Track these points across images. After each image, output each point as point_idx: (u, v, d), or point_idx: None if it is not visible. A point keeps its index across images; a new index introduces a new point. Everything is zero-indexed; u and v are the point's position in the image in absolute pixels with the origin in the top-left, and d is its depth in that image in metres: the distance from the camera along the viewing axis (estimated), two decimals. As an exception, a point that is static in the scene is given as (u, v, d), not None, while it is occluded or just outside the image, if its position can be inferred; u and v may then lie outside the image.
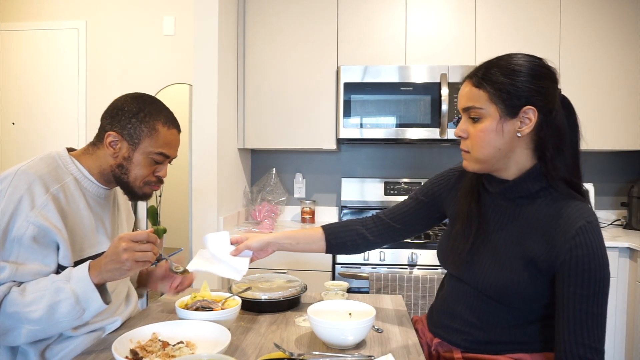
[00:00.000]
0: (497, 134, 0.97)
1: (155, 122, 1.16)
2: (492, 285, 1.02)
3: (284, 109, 2.68)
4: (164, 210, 3.40)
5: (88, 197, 1.17)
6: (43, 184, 1.06)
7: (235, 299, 1.24)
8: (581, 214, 0.94)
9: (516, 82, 0.95)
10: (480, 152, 1.00)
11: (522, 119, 0.96)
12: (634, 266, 2.26)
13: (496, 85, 0.96)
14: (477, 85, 0.98)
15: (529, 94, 0.95)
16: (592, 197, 2.73)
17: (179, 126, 1.23)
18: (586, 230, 0.92)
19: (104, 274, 1.01)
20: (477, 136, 0.99)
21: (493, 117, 0.97)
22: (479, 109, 0.98)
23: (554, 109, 0.96)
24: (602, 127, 2.57)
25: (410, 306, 2.13)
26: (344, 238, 1.32)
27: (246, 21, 2.68)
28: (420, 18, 2.61)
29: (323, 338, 1.08)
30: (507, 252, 1.01)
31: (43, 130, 3.39)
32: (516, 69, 0.96)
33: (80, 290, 1.00)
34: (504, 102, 0.96)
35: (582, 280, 0.91)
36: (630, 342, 2.27)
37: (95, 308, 1.02)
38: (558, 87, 0.99)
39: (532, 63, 0.97)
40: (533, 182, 1.00)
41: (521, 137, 0.97)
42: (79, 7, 3.37)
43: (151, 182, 1.20)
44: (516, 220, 1.02)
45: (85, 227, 1.14)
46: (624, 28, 2.55)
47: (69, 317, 1.00)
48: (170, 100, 3.71)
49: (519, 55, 0.99)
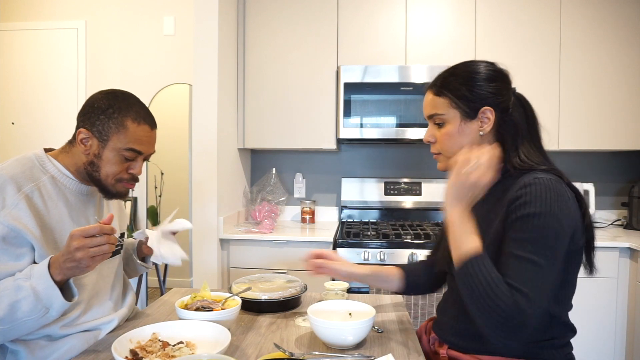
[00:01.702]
0: (461, 135, 1.06)
1: (123, 118, 1.13)
2: None
3: (284, 109, 2.68)
4: (164, 210, 3.40)
5: (68, 195, 1.16)
6: (15, 184, 1.06)
7: (235, 299, 1.24)
8: (533, 175, 0.97)
9: (473, 87, 1.04)
10: (449, 152, 1.09)
11: (481, 119, 1.05)
12: (634, 266, 2.26)
13: (455, 92, 1.06)
14: (438, 93, 1.08)
15: (485, 96, 1.04)
16: (592, 197, 2.73)
17: (152, 122, 1.20)
18: (530, 183, 0.95)
19: (65, 271, 0.98)
20: (444, 139, 1.09)
21: (455, 121, 1.06)
22: (441, 115, 1.08)
23: (509, 107, 1.05)
24: (602, 127, 2.57)
25: (411, 306, 2.13)
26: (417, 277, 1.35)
27: (246, 21, 2.68)
28: (420, 18, 2.61)
29: (323, 338, 1.08)
30: (483, 240, 1.02)
31: (43, 130, 3.39)
32: (471, 75, 1.06)
33: (40, 287, 0.97)
34: (463, 106, 1.05)
35: (520, 225, 0.93)
36: (630, 342, 2.27)
37: (59, 305, 0.99)
38: (511, 87, 1.08)
39: (486, 68, 1.07)
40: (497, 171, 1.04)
41: (484, 135, 1.06)
42: (79, 7, 3.37)
43: (124, 180, 1.18)
44: (485, 205, 1.06)
45: (65, 225, 1.12)
46: (624, 28, 2.55)
47: (33, 316, 0.97)
48: (170, 100, 3.75)
49: (472, 62, 1.09)
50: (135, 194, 3.29)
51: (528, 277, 0.89)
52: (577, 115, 2.57)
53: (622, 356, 2.31)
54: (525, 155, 1.04)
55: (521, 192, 0.95)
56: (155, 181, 3.42)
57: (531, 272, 0.90)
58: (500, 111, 1.05)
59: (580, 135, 2.58)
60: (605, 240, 2.32)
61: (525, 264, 0.90)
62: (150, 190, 3.42)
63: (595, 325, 2.30)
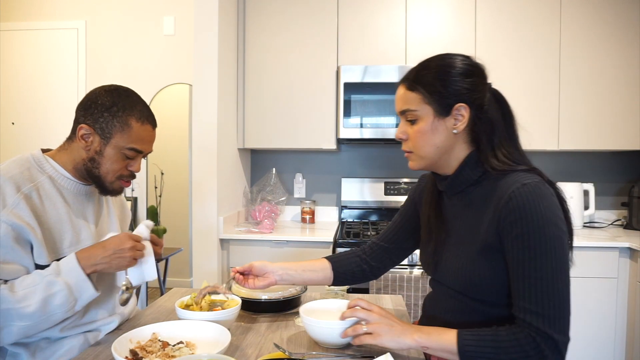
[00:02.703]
0: (434, 133, 1.01)
1: (128, 117, 1.13)
2: (457, 280, 1.02)
3: (284, 109, 2.68)
4: (164, 210, 3.40)
5: (66, 195, 1.16)
6: (14, 184, 1.06)
7: (235, 299, 1.24)
8: (517, 180, 0.93)
9: (446, 82, 0.99)
10: (421, 151, 1.03)
11: (455, 116, 0.99)
12: (634, 266, 2.26)
13: (428, 87, 1.00)
14: (410, 88, 1.02)
15: (459, 92, 0.98)
16: (592, 197, 2.73)
17: (154, 121, 1.20)
18: (518, 192, 0.90)
19: (100, 264, 1.06)
20: (416, 137, 1.03)
21: (428, 117, 1.00)
22: (414, 111, 1.02)
23: (485, 103, 1.00)
24: (602, 127, 2.57)
25: (410, 306, 2.13)
26: (350, 266, 1.31)
27: (246, 21, 2.68)
28: (420, 18, 2.61)
29: (314, 337, 1.08)
30: (465, 243, 1.01)
31: (43, 130, 3.39)
32: (445, 69, 1.00)
33: (72, 281, 1.03)
34: (436, 102, 0.99)
35: (521, 244, 0.89)
36: (630, 342, 2.27)
37: (87, 297, 1.06)
38: (487, 82, 1.03)
39: (461, 62, 1.01)
40: (472, 170, 1.02)
41: (457, 133, 1.00)
42: (79, 7, 3.37)
43: (123, 177, 1.19)
44: (468, 210, 1.03)
45: (63, 226, 1.13)
46: (624, 28, 2.55)
47: (62, 309, 1.02)
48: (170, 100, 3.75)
49: (447, 55, 1.03)
50: (135, 194, 3.30)
51: (546, 299, 0.86)
52: (577, 115, 2.57)
53: (622, 356, 2.31)
54: (503, 155, 0.99)
55: (511, 206, 0.90)
56: (155, 181, 3.42)
57: (547, 292, 0.87)
58: (475, 108, 0.99)
59: (580, 135, 2.58)
60: (605, 240, 2.33)
61: (539, 283, 0.87)
62: (150, 190, 3.43)
63: (595, 325, 2.30)
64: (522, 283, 0.89)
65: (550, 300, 0.86)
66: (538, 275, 0.87)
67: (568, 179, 2.89)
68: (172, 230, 3.45)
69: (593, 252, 2.29)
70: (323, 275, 1.29)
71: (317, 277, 1.28)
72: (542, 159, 2.94)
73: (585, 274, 2.30)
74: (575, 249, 2.44)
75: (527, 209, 0.88)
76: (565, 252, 0.89)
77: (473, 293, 0.99)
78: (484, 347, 0.87)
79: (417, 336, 0.93)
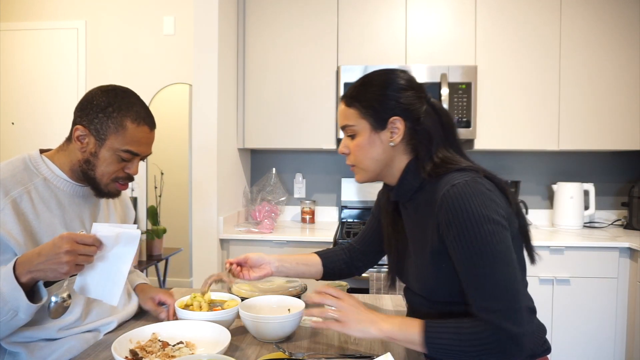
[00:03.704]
0: (372, 146, 1.04)
1: (123, 118, 1.10)
2: (421, 286, 1.04)
3: (284, 109, 2.68)
4: (164, 210, 3.40)
5: (61, 197, 1.14)
6: (2, 189, 1.04)
7: (235, 299, 1.24)
8: (448, 181, 0.94)
9: (381, 97, 1.03)
10: (362, 164, 1.07)
11: (391, 130, 1.03)
12: (634, 266, 2.26)
13: (363, 103, 1.04)
14: (348, 104, 1.07)
15: (394, 106, 1.02)
16: (592, 197, 2.73)
17: (152, 122, 1.16)
18: (448, 195, 0.92)
19: (35, 272, 0.93)
20: (356, 151, 1.07)
21: (365, 132, 1.04)
22: (352, 126, 1.06)
23: (421, 115, 1.02)
24: (602, 127, 2.57)
25: (410, 306, 2.13)
26: (337, 263, 1.37)
27: (246, 21, 2.68)
28: (420, 18, 2.61)
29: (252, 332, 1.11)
30: (420, 250, 1.03)
31: (43, 130, 3.39)
32: (380, 85, 1.04)
33: (5, 289, 0.93)
34: (372, 117, 1.03)
35: (459, 244, 0.90)
36: (630, 342, 2.27)
37: (25, 308, 0.94)
38: (424, 95, 1.06)
39: (395, 77, 1.05)
40: (413, 177, 1.04)
41: (395, 145, 1.03)
42: (79, 7, 3.37)
43: (119, 179, 1.15)
44: (418, 216, 1.05)
45: (56, 229, 1.10)
46: (624, 28, 2.55)
47: (1, 319, 0.94)
48: (170, 100, 3.74)
49: (382, 71, 1.08)
50: (135, 194, 3.29)
51: (493, 293, 0.87)
52: (577, 115, 2.57)
53: (622, 356, 2.31)
54: (439, 159, 1.01)
55: (444, 208, 0.91)
56: (155, 181, 3.42)
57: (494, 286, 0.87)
58: (410, 121, 1.02)
59: (580, 135, 2.58)
60: (605, 240, 2.33)
61: (483, 280, 0.88)
62: (150, 190, 3.42)
63: (595, 325, 2.30)
64: (468, 282, 0.90)
65: (497, 295, 0.87)
66: (479, 272, 0.88)
67: (568, 179, 2.89)
68: (172, 230, 3.45)
69: (593, 252, 2.29)
70: (315, 270, 1.35)
71: (310, 271, 1.34)
72: (542, 159, 2.94)
73: (585, 274, 2.30)
74: (576, 249, 2.43)
75: (458, 210, 0.90)
76: (505, 245, 0.89)
77: (437, 297, 1.01)
78: (448, 339, 0.88)
79: (384, 326, 0.94)
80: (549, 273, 2.31)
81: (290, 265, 1.32)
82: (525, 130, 2.58)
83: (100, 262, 1.00)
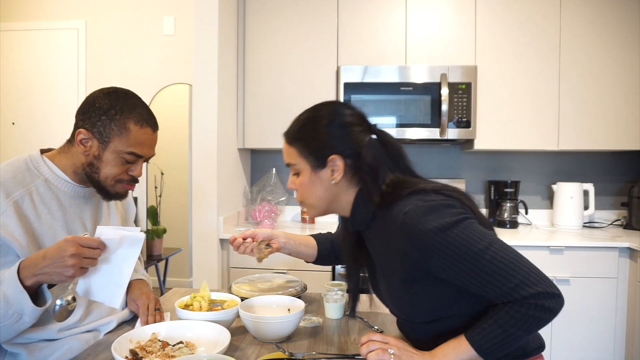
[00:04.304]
0: (314, 185, 1.02)
1: (126, 120, 1.10)
2: (397, 309, 1.03)
3: (284, 109, 2.67)
4: (164, 210, 3.40)
5: (62, 198, 1.13)
6: (3, 191, 1.04)
7: (235, 299, 1.24)
8: (400, 209, 0.92)
9: (317, 135, 1.00)
10: (308, 201, 1.06)
11: (332, 167, 1.00)
12: (634, 266, 2.26)
13: (302, 141, 1.02)
14: (289, 142, 1.05)
15: (332, 144, 0.99)
16: (592, 197, 2.73)
17: (154, 124, 1.16)
18: (405, 225, 0.89)
19: (41, 275, 0.93)
20: (300, 189, 1.05)
21: (307, 170, 1.02)
22: (294, 165, 1.04)
23: (362, 150, 0.98)
24: (602, 127, 2.57)
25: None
26: (327, 250, 1.38)
27: (246, 21, 2.68)
28: (420, 18, 2.61)
29: (252, 332, 1.12)
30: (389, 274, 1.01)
31: (43, 130, 3.39)
32: (316, 123, 1.01)
33: (10, 292, 0.93)
34: (311, 156, 1.01)
35: (443, 262, 0.87)
36: (630, 342, 2.27)
37: (30, 311, 0.94)
38: (366, 127, 1.02)
39: (334, 113, 1.01)
40: (363, 210, 1.01)
41: (337, 183, 1.00)
42: (79, 7, 3.37)
43: (123, 181, 1.15)
44: (378, 242, 1.02)
45: (57, 231, 1.10)
46: (624, 28, 2.55)
47: (5, 322, 0.94)
48: (170, 100, 3.74)
49: (320, 107, 1.04)
50: (135, 194, 3.29)
51: (505, 273, 0.84)
52: (577, 115, 2.57)
53: (622, 356, 2.31)
54: (388, 187, 0.97)
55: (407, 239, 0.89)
56: (155, 181, 3.42)
57: (497, 271, 0.85)
58: (351, 157, 0.99)
59: (580, 135, 2.58)
60: (605, 240, 2.33)
61: (489, 273, 0.85)
62: (150, 190, 3.43)
63: (595, 325, 2.30)
64: (478, 286, 0.87)
65: (508, 275, 0.84)
66: (479, 270, 0.85)
67: (568, 179, 2.89)
68: (172, 230, 3.45)
69: (593, 252, 2.29)
70: (312, 252, 1.38)
71: (307, 253, 1.37)
72: (542, 159, 2.94)
73: (585, 274, 2.30)
74: (575, 249, 2.43)
75: (422, 235, 0.87)
76: (479, 231, 0.87)
77: (419, 318, 0.98)
78: (495, 335, 0.86)
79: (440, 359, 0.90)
80: (549, 273, 2.31)
81: (294, 244, 1.34)
82: (525, 130, 2.58)
83: (104, 264, 1.00)
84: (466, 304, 0.94)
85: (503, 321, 0.85)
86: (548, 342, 2.31)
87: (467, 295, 0.92)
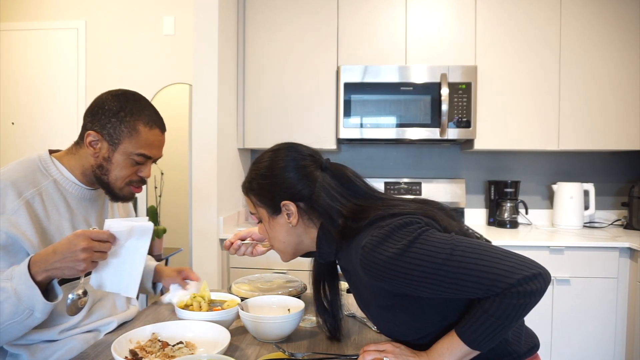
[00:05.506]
0: (274, 230, 1.04)
1: (136, 122, 1.11)
2: (387, 334, 1.03)
3: (284, 109, 2.67)
4: (164, 210, 3.40)
5: (70, 199, 1.14)
6: (15, 190, 1.04)
7: (235, 299, 1.24)
8: (358, 244, 0.91)
9: (267, 185, 1.01)
10: (276, 246, 1.08)
11: (286, 212, 1.01)
12: (634, 266, 2.26)
13: (254, 192, 1.04)
14: (245, 193, 1.07)
15: (281, 191, 1.00)
16: (592, 197, 2.73)
17: (163, 125, 1.18)
18: (366, 261, 0.88)
19: (52, 271, 0.93)
20: (266, 234, 1.08)
21: (266, 217, 1.04)
22: (254, 213, 1.07)
23: (314, 192, 0.98)
24: (602, 127, 2.57)
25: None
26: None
27: (246, 21, 2.68)
28: (420, 18, 2.61)
29: (252, 332, 1.12)
30: (368, 305, 1.01)
31: (43, 130, 3.39)
32: (265, 171, 1.02)
33: (21, 288, 0.92)
34: (264, 204, 1.03)
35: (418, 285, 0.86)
36: (630, 342, 2.27)
37: (41, 307, 0.94)
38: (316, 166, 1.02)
39: (278, 160, 1.01)
40: (327, 244, 1.01)
41: (295, 225, 1.01)
42: (79, 7, 3.37)
43: (133, 182, 1.17)
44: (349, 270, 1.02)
45: (64, 232, 1.10)
46: (624, 28, 2.55)
47: (16, 318, 0.93)
48: (170, 100, 3.74)
49: (267, 154, 1.05)
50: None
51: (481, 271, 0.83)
52: (577, 115, 2.57)
53: (622, 356, 2.31)
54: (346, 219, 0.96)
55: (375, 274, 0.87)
56: (155, 181, 3.42)
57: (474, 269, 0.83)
58: (302, 200, 0.99)
59: (580, 135, 2.58)
60: (605, 240, 2.32)
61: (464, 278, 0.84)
62: (150, 190, 3.42)
63: (595, 325, 2.30)
64: (455, 292, 0.85)
65: (485, 272, 0.83)
66: (454, 279, 0.84)
67: (568, 179, 2.89)
68: (172, 230, 3.44)
69: (593, 252, 2.29)
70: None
71: None
72: (542, 159, 2.94)
73: (585, 274, 2.30)
74: (575, 249, 2.43)
75: (382, 265, 0.86)
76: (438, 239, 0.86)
77: (407, 337, 0.98)
78: (486, 327, 0.85)
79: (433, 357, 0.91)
80: (549, 273, 2.31)
81: None
82: (525, 130, 2.58)
83: (115, 256, 1.01)
84: (452, 308, 0.93)
85: (490, 312, 0.85)
86: (548, 342, 2.31)
87: (451, 302, 0.92)
